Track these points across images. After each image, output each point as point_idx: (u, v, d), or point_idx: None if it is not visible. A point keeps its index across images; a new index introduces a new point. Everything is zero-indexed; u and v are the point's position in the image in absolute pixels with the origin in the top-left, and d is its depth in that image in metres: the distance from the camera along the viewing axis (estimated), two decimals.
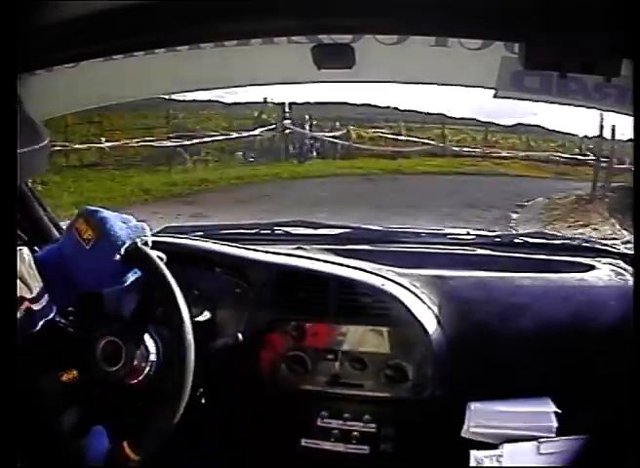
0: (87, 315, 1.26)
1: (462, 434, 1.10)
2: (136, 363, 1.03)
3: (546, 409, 1.09)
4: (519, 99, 1.14)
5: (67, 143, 8.99)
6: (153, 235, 1.10)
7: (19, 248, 0.96)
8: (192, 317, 1.06)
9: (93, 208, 1.00)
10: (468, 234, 1.51)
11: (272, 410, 1.19)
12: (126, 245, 0.97)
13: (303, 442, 1.19)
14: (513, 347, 1.15)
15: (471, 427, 1.10)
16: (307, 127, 11.48)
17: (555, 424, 1.08)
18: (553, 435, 1.08)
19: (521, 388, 1.14)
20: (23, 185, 1.40)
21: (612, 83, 0.91)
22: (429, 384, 1.14)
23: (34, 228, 1.43)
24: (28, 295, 0.94)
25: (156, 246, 1.13)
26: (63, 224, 1.51)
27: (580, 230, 6.40)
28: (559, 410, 1.09)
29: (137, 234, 1.00)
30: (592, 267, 1.30)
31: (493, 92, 1.19)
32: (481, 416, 1.10)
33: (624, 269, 1.29)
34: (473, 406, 1.12)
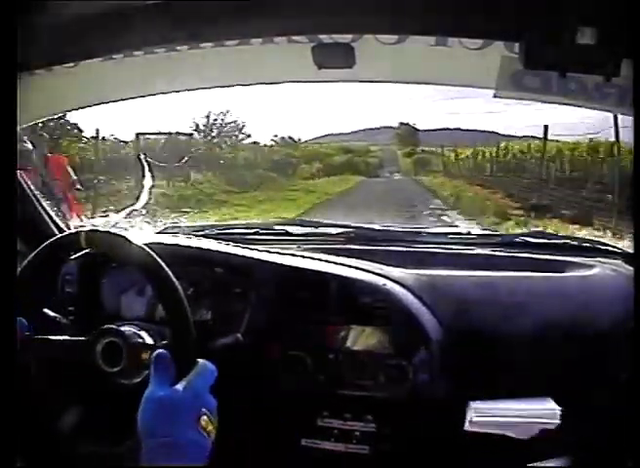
0: (87, 315, 1.27)
1: (465, 427, 1.10)
2: (136, 363, 1.03)
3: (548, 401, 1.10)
4: (519, 99, 1.14)
5: None
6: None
7: None
8: (192, 317, 1.06)
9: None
10: (468, 234, 1.51)
11: (272, 410, 1.19)
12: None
13: (303, 442, 1.18)
14: (513, 347, 1.15)
15: (473, 417, 1.10)
16: None
17: (558, 409, 1.08)
18: (557, 421, 1.08)
19: (521, 388, 1.14)
20: (23, 183, 1.40)
21: (612, 83, 0.91)
22: (429, 384, 1.14)
23: (33, 227, 1.43)
24: None
25: (156, 246, 1.13)
26: (62, 223, 1.52)
27: None
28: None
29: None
30: (592, 267, 1.30)
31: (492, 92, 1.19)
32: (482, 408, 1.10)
33: (625, 269, 1.29)
34: (473, 405, 1.12)
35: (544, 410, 1.09)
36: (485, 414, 1.10)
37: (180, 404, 0.86)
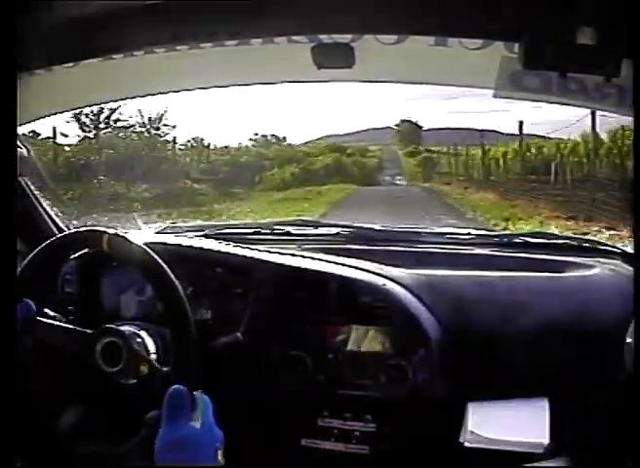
0: (87, 315, 1.27)
1: (460, 440, 1.11)
2: (136, 363, 1.03)
3: (541, 424, 1.10)
4: (519, 100, 1.14)
5: None
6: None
7: None
8: (192, 317, 1.06)
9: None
10: (468, 234, 1.51)
11: (272, 410, 1.19)
12: None
13: (303, 442, 1.19)
14: (513, 347, 1.15)
15: (467, 441, 1.10)
16: None
17: (547, 440, 1.08)
18: (541, 450, 1.08)
19: (520, 388, 1.14)
20: (22, 183, 1.40)
21: (612, 83, 0.91)
22: (429, 384, 1.14)
23: (33, 227, 1.43)
24: None
25: (156, 246, 1.13)
26: (61, 222, 1.52)
27: None
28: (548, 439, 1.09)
29: None
30: (592, 267, 1.30)
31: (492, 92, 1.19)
32: (477, 426, 1.10)
33: (624, 269, 1.29)
34: (472, 406, 1.12)
35: (532, 442, 1.09)
36: (477, 441, 1.10)
37: (201, 441, 0.85)
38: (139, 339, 1.05)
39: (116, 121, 12.85)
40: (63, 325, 1.06)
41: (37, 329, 1.04)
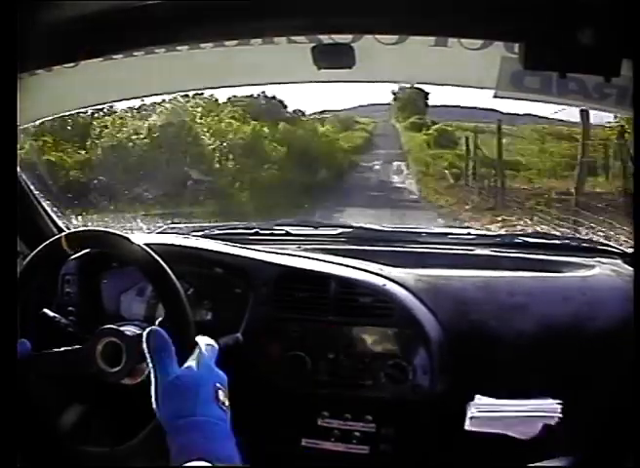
0: (87, 315, 1.27)
1: (466, 426, 1.10)
2: (136, 363, 1.03)
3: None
4: (519, 99, 1.14)
5: None
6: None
7: None
8: (192, 317, 1.06)
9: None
10: (469, 234, 1.51)
11: (272, 410, 1.19)
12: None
13: (304, 442, 1.18)
14: (513, 347, 1.15)
15: (475, 413, 1.09)
16: None
17: (558, 404, 1.08)
18: (558, 414, 1.07)
19: (521, 388, 1.14)
20: (23, 184, 1.40)
21: (612, 83, 0.91)
22: (429, 384, 1.14)
23: (33, 227, 1.43)
24: None
25: (156, 246, 1.13)
26: (62, 223, 1.52)
27: None
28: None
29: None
30: (592, 267, 1.30)
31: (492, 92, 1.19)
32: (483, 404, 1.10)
33: (624, 269, 1.29)
34: (474, 401, 1.12)
35: (545, 405, 1.09)
36: (485, 410, 1.10)
37: (199, 381, 0.84)
38: (139, 339, 1.05)
39: None
40: (59, 350, 1.06)
41: (35, 365, 1.04)
